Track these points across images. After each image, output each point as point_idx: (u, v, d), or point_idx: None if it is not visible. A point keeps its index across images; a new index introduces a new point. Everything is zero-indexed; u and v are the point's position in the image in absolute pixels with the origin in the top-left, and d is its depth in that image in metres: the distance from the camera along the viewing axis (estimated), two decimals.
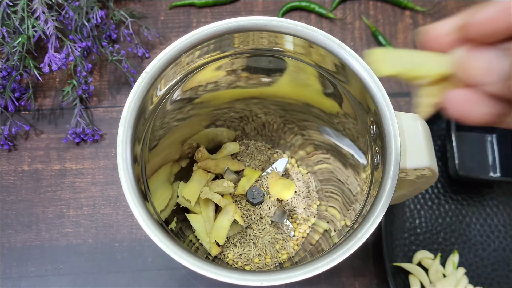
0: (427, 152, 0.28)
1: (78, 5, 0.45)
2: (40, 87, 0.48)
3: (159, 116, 0.31)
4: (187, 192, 0.37)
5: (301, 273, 0.25)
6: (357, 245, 0.25)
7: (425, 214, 0.45)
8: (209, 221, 0.37)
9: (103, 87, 0.48)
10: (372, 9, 0.52)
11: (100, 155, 0.46)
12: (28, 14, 0.43)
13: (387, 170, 0.26)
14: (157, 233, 0.25)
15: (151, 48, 0.49)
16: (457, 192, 0.46)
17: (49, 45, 0.43)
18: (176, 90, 0.31)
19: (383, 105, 0.27)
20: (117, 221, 0.44)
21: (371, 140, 0.29)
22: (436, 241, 0.44)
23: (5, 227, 0.43)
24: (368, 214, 0.26)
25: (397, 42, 0.51)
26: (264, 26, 0.28)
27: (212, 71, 0.32)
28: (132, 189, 0.26)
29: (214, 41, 0.29)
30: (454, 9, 0.52)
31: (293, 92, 0.35)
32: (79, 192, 0.45)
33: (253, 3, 0.52)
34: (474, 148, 0.46)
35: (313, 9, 0.51)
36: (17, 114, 0.47)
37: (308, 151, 0.40)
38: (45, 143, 0.46)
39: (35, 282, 0.42)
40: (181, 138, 0.37)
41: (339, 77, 0.30)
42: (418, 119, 0.29)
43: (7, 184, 0.45)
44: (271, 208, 0.38)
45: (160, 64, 0.28)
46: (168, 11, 0.51)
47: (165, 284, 0.42)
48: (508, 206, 0.45)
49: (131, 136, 0.27)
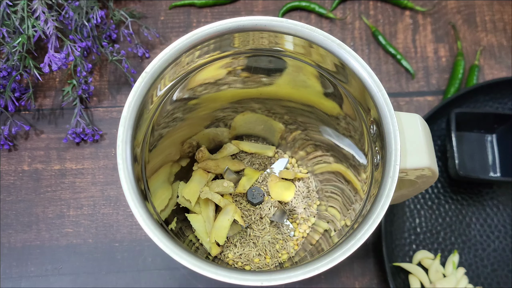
0: (427, 152, 0.28)
1: (78, 5, 0.45)
2: (40, 87, 0.48)
3: (159, 116, 0.31)
4: (187, 192, 0.37)
5: (301, 273, 0.25)
6: (357, 245, 0.25)
7: (425, 214, 0.45)
8: (209, 221, 0.37)
9: (103, 87, 0.48)
10: (372, 9, 0.52)
11: (100, 155, 0.46)
12: (28, 14, 0.43)
13: (387, 170, 0.26)
14: (157, 233, 0.25)
15: (151, 48, 0.49)
16: (457, 192, 0.46)
17: (49, 45, 0.43)
18: (176, 90, 0.31)
19: (383, 105, 0.27)
20: (117, 221, 0.44)
21: (371, 140, 0.29)
22: (436, 241, 0.44)
23: (5, 227, 0.43)
24: (368, 214, 0.26)
25: (397, 42, 0.51)
26: (264, 26, 0.28)
27: (212, 71, 0.32)
28: (132, 189, 0.26)
29: (214, 41, 0.29)
30: (454, 9, 0.52)
31: (293, 92, 0.35)
32: (79, 192, 0.45)
33: (253, 3, 0.52)
34: (474, 148, 0.46)
35: (313, 9, 0.51)
36: (17, 114, 0.47)
37: (308, 151, 0.40)
38: (45, 143, 0.46)
39: (35, 282, 0.42)
40: (181, 138, 0.37)
41: (339, 77, 0.30)
42: (418, 119, 0.29)
43: (7, 184, 0.45)
44: (271, 208, 0.38)
45: (160, 64, 0.28)
46: (168, 11, 0.51)
47: (165, 284, 0.42)
48: (508, 206, 0.45)
49: (131, 136, 0.27)
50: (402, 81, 0.50)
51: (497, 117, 0.45)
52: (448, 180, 0.46)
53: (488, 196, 0.46)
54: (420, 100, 0.49)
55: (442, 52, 0.51)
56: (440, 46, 0.51)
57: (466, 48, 0.51)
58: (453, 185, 0.46)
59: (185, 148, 0.38)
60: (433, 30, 0.51)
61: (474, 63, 0.49)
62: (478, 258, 0.44)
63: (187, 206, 0.37)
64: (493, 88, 0.47)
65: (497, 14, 0.52)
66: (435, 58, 0.50)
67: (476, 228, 0.45)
